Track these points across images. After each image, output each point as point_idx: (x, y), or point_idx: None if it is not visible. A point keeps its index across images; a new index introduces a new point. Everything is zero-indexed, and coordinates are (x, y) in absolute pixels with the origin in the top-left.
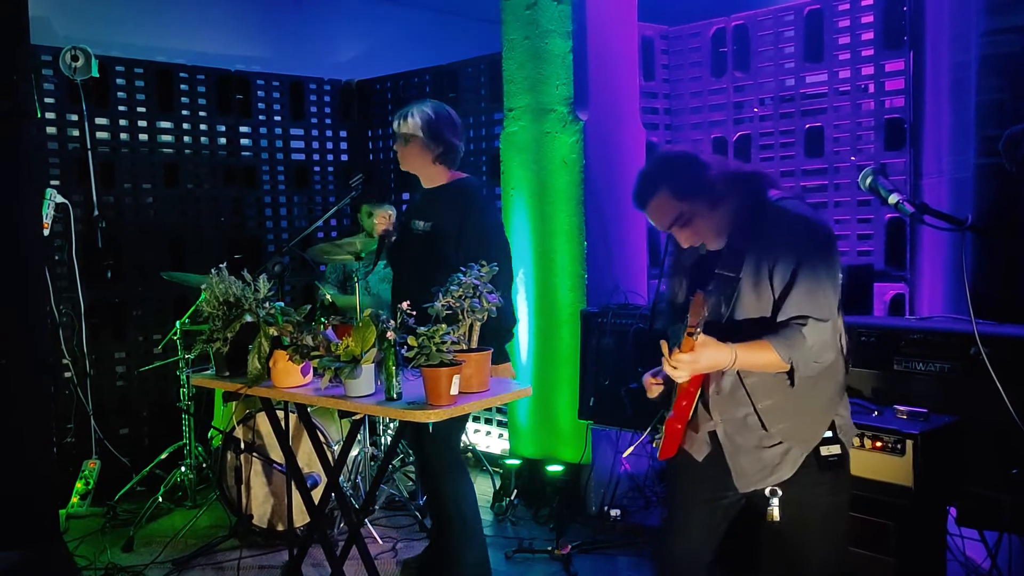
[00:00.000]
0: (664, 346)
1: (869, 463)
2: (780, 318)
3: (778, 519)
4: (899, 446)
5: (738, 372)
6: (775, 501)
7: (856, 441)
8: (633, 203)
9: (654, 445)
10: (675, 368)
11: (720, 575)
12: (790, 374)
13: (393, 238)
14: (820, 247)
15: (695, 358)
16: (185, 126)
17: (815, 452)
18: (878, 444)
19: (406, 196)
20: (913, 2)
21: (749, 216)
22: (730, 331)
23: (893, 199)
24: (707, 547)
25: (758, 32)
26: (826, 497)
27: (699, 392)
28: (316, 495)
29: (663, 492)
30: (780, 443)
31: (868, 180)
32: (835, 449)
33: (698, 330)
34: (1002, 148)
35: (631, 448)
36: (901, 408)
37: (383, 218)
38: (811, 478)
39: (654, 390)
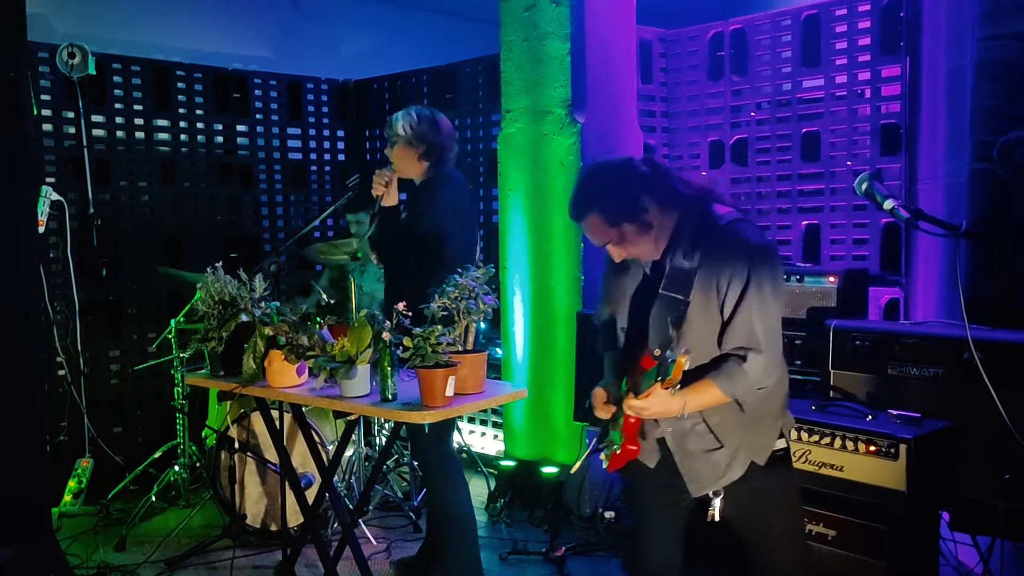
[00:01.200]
0: (602, 394)
1: (863, 467)
2: (724, 346)
3: (719, 519)
4: (892, 450)
5: None
6: (717, 502)
7: (849, 444)
8: (569, 215)
9: (602, 457)
10: (627, 411)
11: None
12: (738, 403)
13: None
14: (768, 274)
15: (645, 405)
16: (182, 124)
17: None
18: (872, 448)
19: (404, 196)
20: (910, 8)
21: (694, 234)
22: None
23: (888, 205)
24: (677, 552)
25: (756, 37)
26: (779, 489)
27: None
28: (310, 495)
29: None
30: (725, 448)
31: (864, 186)
32: (780, 444)
33: (665, 364)
34: (996, 156)
35: (577, 464)
36: (895, 412)
37: (381, 179)
38: (760, 474)
39: (603, 411)
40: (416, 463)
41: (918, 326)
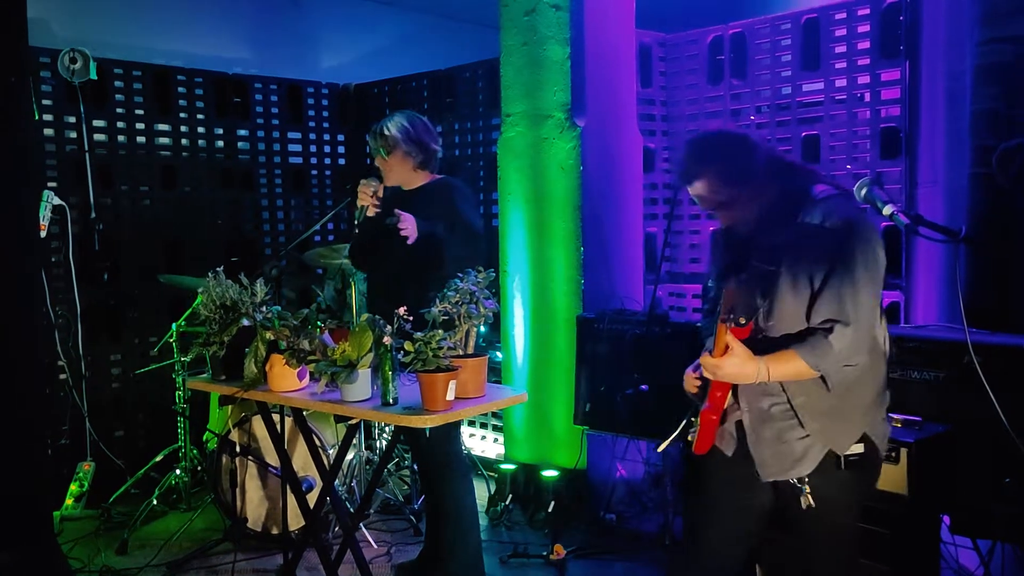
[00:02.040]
0: (705, 354)
1: None
2: (812, 319)
3: (813, 504)
4: (893, 454)
5: None
6: (806, 489)
7: None
8: (678, 179)
9: (689, 439)
10: (704, 370)
11: None
12: (823, 379)
13: (374, 213)
14: (860, 249)
15: (719, 363)
16: (183, 128)
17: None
18: None
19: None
20: (909, 12)
21: (791, 208)
22: (767, 340)
23: (888, 210)
24: (741, 554)
25: (755, 40)
26: (836, 493)
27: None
28: (311, 499)
29: (659, 497)
30: (805, 437)
31: (864, 191)
32: (857, 448)
33: (731, 319)
34: (995, 163)
35: (666, 442)
36: (896, 416)
37: (368, 189)
38: (829, 475)
39: (691, 384)
40: (418, 465)
41: (918, 330)
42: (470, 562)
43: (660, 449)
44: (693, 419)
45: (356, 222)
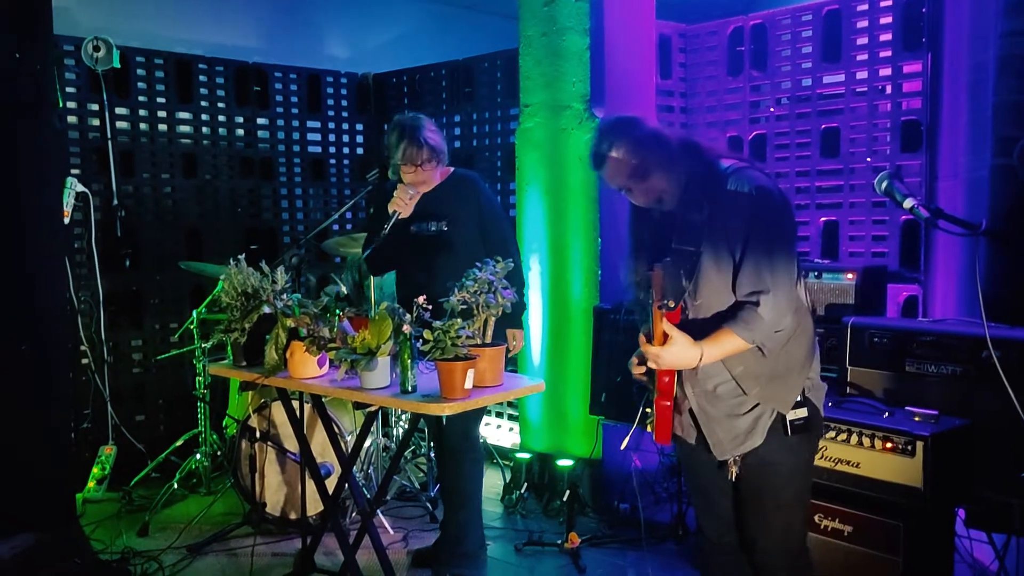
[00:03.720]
0: (642, 338)
1: (879, 464)
2: (737, 293)
3: (736, 475)
4: (910, 447)
5: None
6: (736, 458)
7: (866, 441)
8: (590, 164)
9: (648, 430)
10: (647, 358)
11: None
12: (760, 348)
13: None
14: (769, 215)
15: (659, 352)
16: (203, 117)
17: (782, 417)
18: (888, 445)
19: None
20: (932, 3)
21: (701, 185)
22: (699, 321)
23: (908, 203)
24: (729, 507)
25: (776, 32)
26: (788, 457)
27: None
28: (329, 484)
29: (673, 487)
30: (754, 407)
31: (884, 184)
32: (801, 412)
33: (666, 302)
34: (1016, 157)
35: (627, 438)
36: (912, 410)
37: (405, 195)
38: (778, 442)
39: (637, 371)
40: (436, 450)
41: (936, 324)
42: (480, 543)
43: (623, 447)
44: (648, 409)
45: (386, 226)
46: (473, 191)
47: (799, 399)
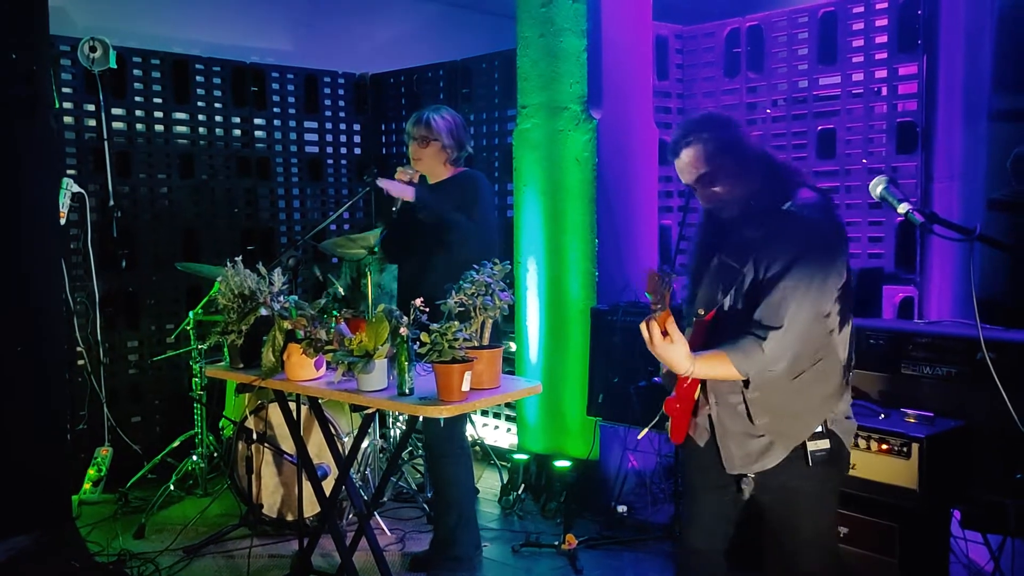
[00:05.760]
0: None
1: (875, 465)
2: (754, 316)
3: (746, 497)
4: (905, 449)
5: None
6: (750, 477)
7: (862, 443)
8: (669, 152)
9: (666, 427)
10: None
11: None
12: (746, 381)
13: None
14: (820, 258)
15: (653, 346)
16: (200, 117)
17: (802, 446)
18: (884, 447)
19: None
20: (928, 6)
21: (769, 207)
22: (726, 324)
23: (903, 208)
24: (720, 532)
25: (772, 33)
26: (811, 486)
27: None
28: (326, 486)
29: (670, 489)
30: (764, 435)
31: (879, 189)
32: (823, 444)
33: (659, 307)
34: (1010, 167)
35: (645, 430)
36: (908, 411)
37: (405, 176)
38: (799, 470)
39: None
40: (425, 453)
41: (931, 325)
42: (474, 545)
43: (640, 436)
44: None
45: (393, 209)
46: (469, 188)
47: (821, 430)
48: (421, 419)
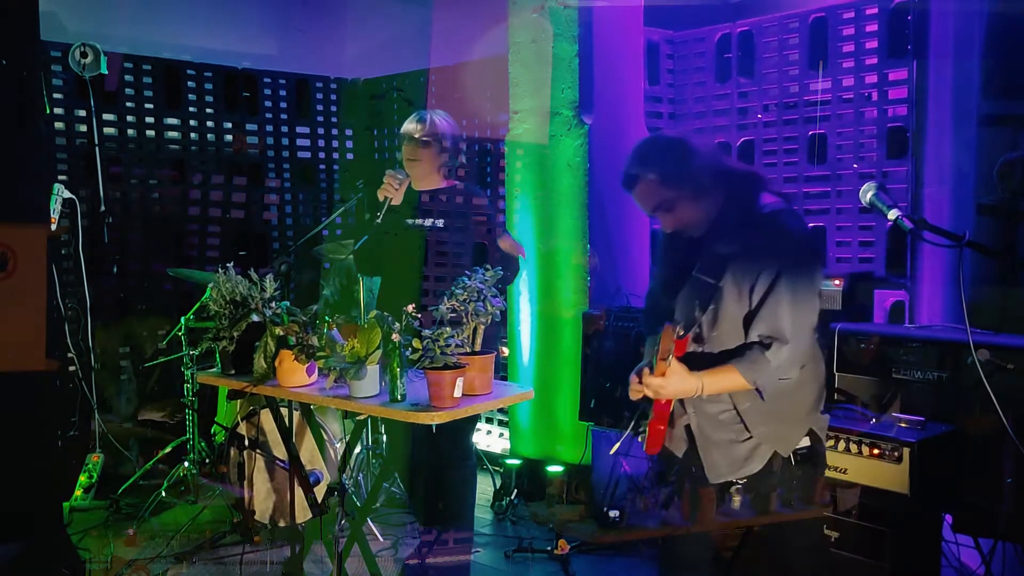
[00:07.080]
0: (636, 377)
1: (866, 470)
2: (750, 333)
3: (738, 507)
4: (896, 454)
5: None
6: (737, 488)
7: (853, 448)
8: (621, 184)
9: (639, 440)
10: (646, 389)
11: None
12: (758, 391)
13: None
14: (803, 265)
15: (663, 384)
16: (192, 123)
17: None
18: (875, 452)
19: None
20: (917, 12)
21: (736, 219)
22: (712, 354)
23: (892, 215)
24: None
25: (763, 39)
26: (800, 489)
27: None
28: (318, 492)
29: (661, 494)
30: (749, 439)
31: (869, 195)
32: (804, 441)
33: (669, 357)
34: (996, 174)
35: (617, 444)
36: (899, 416)
37: (394, 181)
38: (779, 469)
39: (635, 393)
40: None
41: (922, 330)
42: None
43: (613, 452)
44: (642, 421)
45: (378, 212)
46: (493, 217)
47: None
48: (432, 428)
